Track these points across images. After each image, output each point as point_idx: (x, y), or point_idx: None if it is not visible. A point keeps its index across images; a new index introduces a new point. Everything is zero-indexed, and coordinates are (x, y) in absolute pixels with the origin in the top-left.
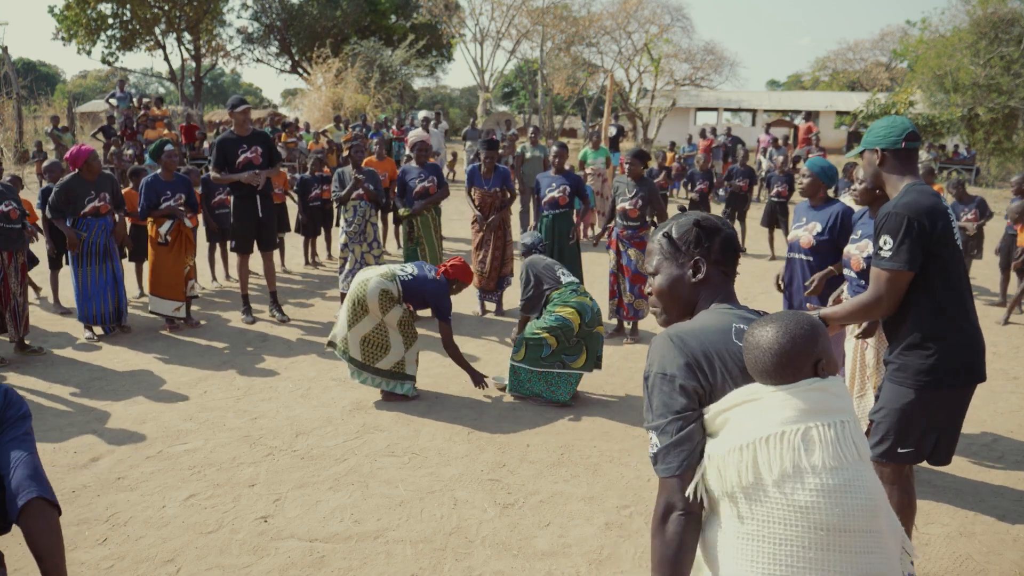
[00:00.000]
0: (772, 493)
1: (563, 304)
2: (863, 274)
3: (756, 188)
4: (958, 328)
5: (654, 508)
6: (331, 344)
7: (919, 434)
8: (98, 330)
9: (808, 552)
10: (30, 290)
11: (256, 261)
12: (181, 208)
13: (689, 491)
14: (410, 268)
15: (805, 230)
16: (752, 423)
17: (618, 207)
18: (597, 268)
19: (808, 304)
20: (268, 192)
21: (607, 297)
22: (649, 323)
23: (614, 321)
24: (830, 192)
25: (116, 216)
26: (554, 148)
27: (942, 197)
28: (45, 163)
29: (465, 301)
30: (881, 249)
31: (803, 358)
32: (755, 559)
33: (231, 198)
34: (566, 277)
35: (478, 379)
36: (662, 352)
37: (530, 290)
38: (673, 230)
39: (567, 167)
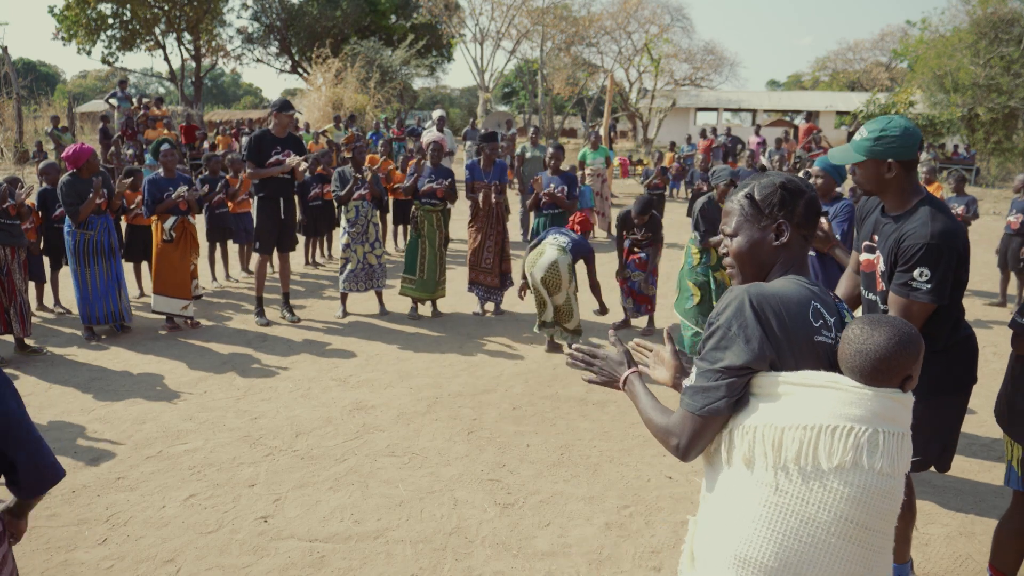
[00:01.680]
0: (825, 478)
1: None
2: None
3: None
4: (965, 336)
5: (672, 419)
6: (543, 325)
7: (927, 443)
8: (103, 333)
9: (831, 538)
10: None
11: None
12: (184, 193)
13: (726, 456)
14: (562, 239)
15: None
16: (822, 408)
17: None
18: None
19: None
20: (291, 194)
21: (621, 297)
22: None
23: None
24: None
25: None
26: (550, 150)
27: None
28: (41, 164)
29: (465, 302)
30: (915, 280)
31: (900, 370)
32: (776, 529)
33: (254, 198)
34: None
35: (605, 310)
36: (737, 309)
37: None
38: (756, 191)
39: (567, 167)
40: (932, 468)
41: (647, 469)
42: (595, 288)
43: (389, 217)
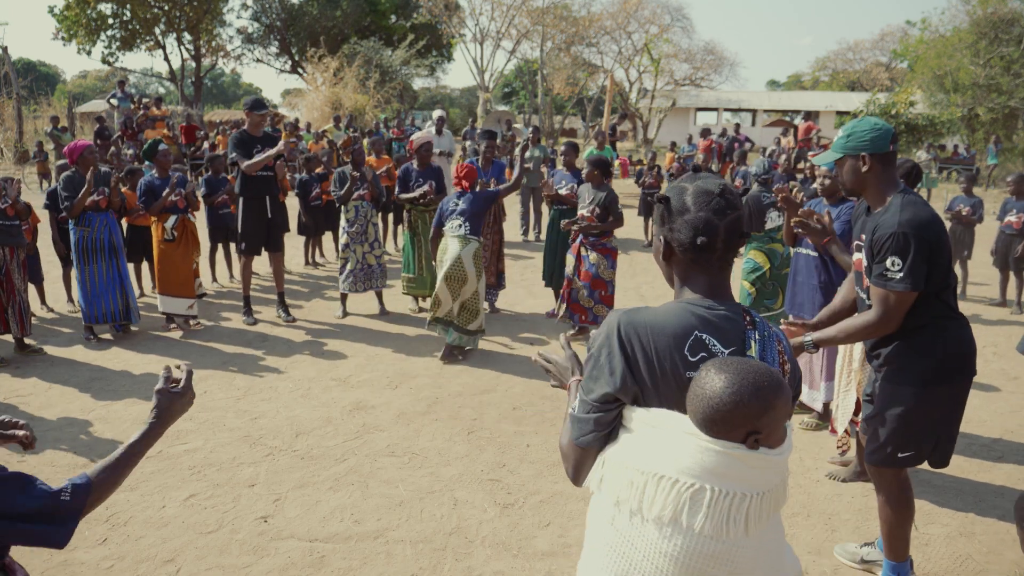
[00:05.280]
0: (649, 528)
1: (758, 249)
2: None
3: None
4: (955, 326)
5: (559, 440)
6: (436, 322)
7: (919, 437)
8: (104, 334)
9: None
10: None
11: (260, 262)
12: (179, 193)
13: (591, 481)
14: (456, 223)
15: None
16: (658, 453)
17: (578, 212)
18: None
19: (799, 316)
20: (276, 193)
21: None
22: None
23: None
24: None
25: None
26: (562, 148)
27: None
28: (59, 163)
29: None
30: (888, 271)
31: (738, 424)
32: (608, 566)
33: (240, 199)
34: (771, 223)
35: None
36: (606, 337)
37: None
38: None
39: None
40: (932, 467)
41: None
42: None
43: (390, 217)
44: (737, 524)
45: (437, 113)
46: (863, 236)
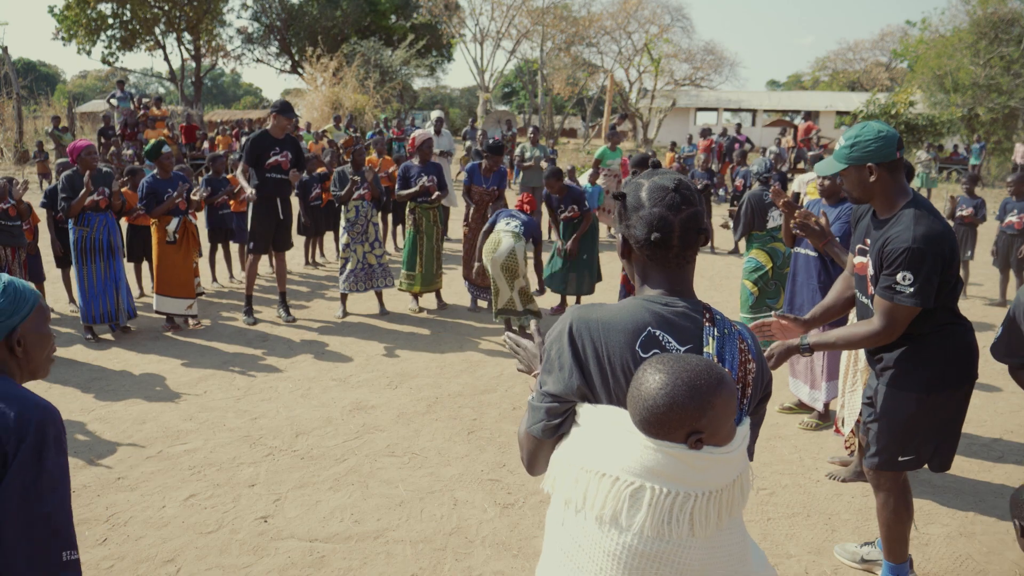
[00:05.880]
0: (591, 524)
1: (760, 248)
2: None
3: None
4: (960, 332)
5: (518, 429)
6: (500, 312)
7: (920, 441)
8: (104, 334)
9: None
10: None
11: (261, 262)
12: (185, 191)
13: (546, 481)
14: (513, 223)
15: None
16: (605, 450)
17: None
18: (614, 265)
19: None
20: (288, 194)
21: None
22: None
23: None
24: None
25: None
26: (544, 177)
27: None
28: (59, 162)
29: (459, 295)
30: (898, 284)
31: (674, 427)
32: (556, 568)
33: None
34: (773, 222)
35: (542, 290)
36: (559, 334)
37: (739, 223)
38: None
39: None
40: (932, 471)
41: None
42: (538, 267)
43: (390, 217)
44: (680, 524)
45: (435, 114)
46: (867, 241)
